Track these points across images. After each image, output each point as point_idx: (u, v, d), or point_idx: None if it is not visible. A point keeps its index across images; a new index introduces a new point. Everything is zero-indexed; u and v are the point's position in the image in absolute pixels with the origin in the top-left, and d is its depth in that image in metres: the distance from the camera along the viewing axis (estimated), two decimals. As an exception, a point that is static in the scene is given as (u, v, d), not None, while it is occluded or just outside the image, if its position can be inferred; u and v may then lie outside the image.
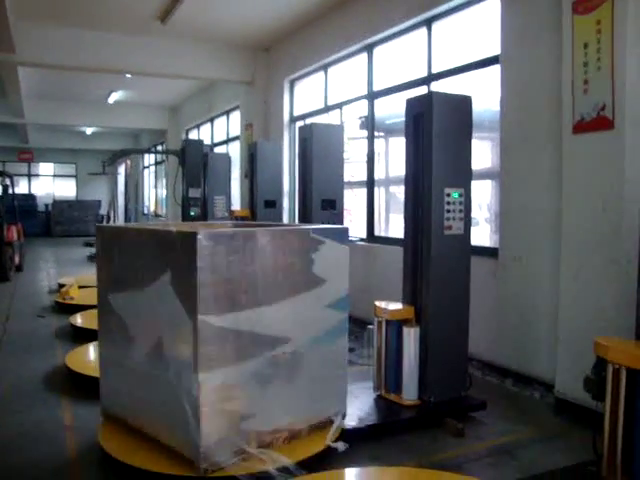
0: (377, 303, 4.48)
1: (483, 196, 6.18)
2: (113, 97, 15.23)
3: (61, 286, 9.17)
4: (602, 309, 4.10)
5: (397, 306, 4.43)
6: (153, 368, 3.46)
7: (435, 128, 4.14)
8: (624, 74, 3.96)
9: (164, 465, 3.25)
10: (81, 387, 4.82)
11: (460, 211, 4.27)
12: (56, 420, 4.26)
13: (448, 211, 4.22)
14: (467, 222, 4.34)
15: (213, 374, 3.16)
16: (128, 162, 22.62)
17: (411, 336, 4.26)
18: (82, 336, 6.19)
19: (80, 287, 8.71)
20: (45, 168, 26.55)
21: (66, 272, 11.68)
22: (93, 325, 6.42)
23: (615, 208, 4.03)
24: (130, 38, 9.49)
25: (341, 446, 3.55)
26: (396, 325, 4.34)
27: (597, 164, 4.19)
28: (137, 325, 3.62)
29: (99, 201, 24.63)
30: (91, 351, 5.64)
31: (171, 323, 3.32)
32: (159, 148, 20.05)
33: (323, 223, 5.69)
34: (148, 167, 22.53)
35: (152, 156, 21.40)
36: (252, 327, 3.31)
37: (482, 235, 6.09)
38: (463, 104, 4.37)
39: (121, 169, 25.04)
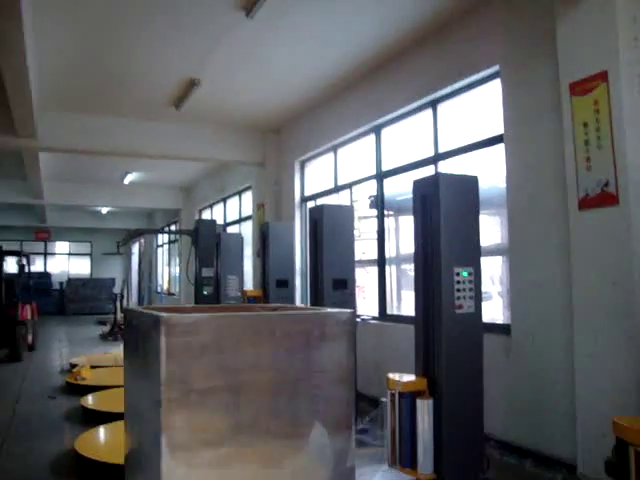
0: (390, 375, 4.42)
1: (495, 270, 6.19)
2: (128, 178, 15.63)
3: (73, 366, 9.13)
4: (620, 386, 4.02)
5: (410, 378, 4.38)
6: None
7: (442, 209, 4.21)
8: (624, 151, 4.06)
9: None
10: (91, 473, 4.71)
11: (470, 290, 4.28)
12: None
13: (458, 290, 4.23)
14: (478, 300, 4.34)
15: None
16: (142, 241, 22.97)
17: (425, 408, 4.18)
18: (93, 418, 6.12)
19: (92, 367, 8.67)
20: (61, 247, 27.02)
21: (78, 351, 11.65)
22: (104, 407, 6.41)
23: (625, 282, 4.04)
24: (145, 123, 9.88)
25: None
26: (409, 397, 4.28)
27: (604, 239, 4.22)
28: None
29: (113, 279, 24.84)
30: (101, 434, 5.56)
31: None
32: (172, 227, 20.33)
33: (335, 303, 5.70)
34: (162, 246, 22.78)
35: (166, 235, 21.69)
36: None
37: (495, 310, 6.06)
38: (469, 184, 4.45)
39: (135, 248, 25.42)
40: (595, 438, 4.08)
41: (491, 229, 6.13)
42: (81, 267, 26.98)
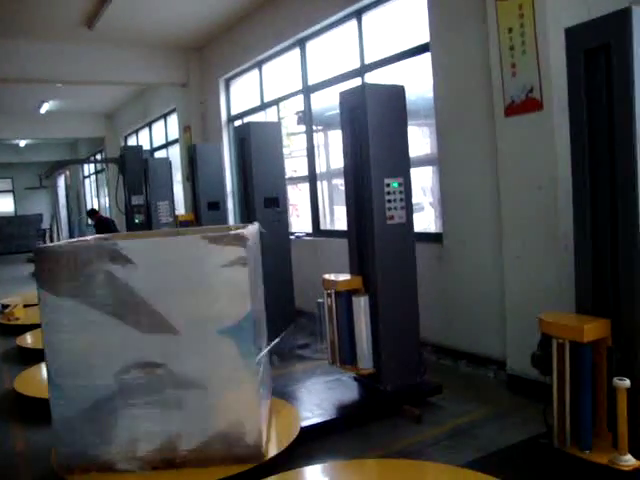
0: (325, 276, 4.48)
1: (426, 181, 6.26)
2: (45, 107, 14.76)
3: (5, 307, 8.86)
4: (545, 286, 4.21)
5: (346, 277, 4.46)
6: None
7: (370, 120, 4.16)
8: (548, 56, 4.06)
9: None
10: (32, 411, 4.64)
11: (401, 200, 4.32)
12: (7, 448, 4.11)
13: (389, 201, 4.25)
14: (409, 211, 4.39)
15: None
16: (67, 173, 22.11)
17: (361, 305, 4.28)
18: (31, 357, 5.99)
19: (25, 306, 8.44)
20: (-22, 185, 25.63)
21: (9, 291, 11.28)
22: (42, 345, 6.26)
23: (550, 186, 4.14)
24: (56, 46, 9.20)
25: None
26: (346, 295, 4.36)
27: (530, 144, 4.29)
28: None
29: (40, 215, 23.93)
30: (43, 372, 5.46)
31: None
32: (98, 156, 19.59)
33: (268, 221, 5.66)
34: (89, 176, 22.00)
35: (92, 165, 20.90)
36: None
37: (427, 220, 6.17)
38: (396, 94, 4.40)
39: (61, 181, 24.45)
40: (523, 335, 4.28)
41: (420, 140, 6.14)
42: (4, 205, 25.76)
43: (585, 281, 3.09)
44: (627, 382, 2.72)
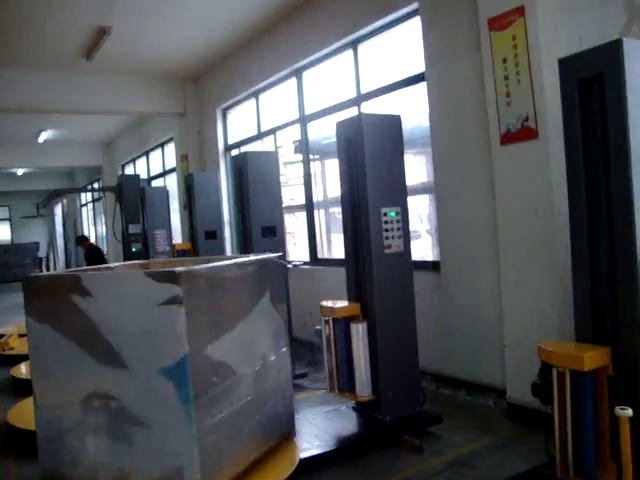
0: (323, 303, 4.45)
1: (423, 209, 6.28)
2: (43, 136, 14.82)
3: (0, 336, 8.80)
4: (544, 314, 4.20)
5: (343, 303, 4.44)
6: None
7: (366, 149, 4.19)
8: (542, 85, 4.11)
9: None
10: (26, 445, 4.56)
11: (398, 229, 4.32)
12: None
13: (386, 230, 4.26)
14: (406, 239, 4.39)
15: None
16: (64, 201, 22.08)
17: (359, 331, 4.26)
18: (26, 389, 5.89)
19: (21, 336, 8.36)
20: (-24, 213, 25.61)
21: (4, 321, 11.19)
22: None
23: (547, 213, 4.16)
24: (54, 76, 9.26)
25: None
26: (343, 322, 4.34)
27: (526, 172, 4.32)
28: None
29: (37, 243, 23.88)
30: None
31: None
32: (95, 185, 19.62)
33: (265, 251, 5.64)
34: (86, 205, 22.01)
35: (89, 194, 20.92)
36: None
37: (424, 248, 6.17)
38: (393, 123, 4.44)
39: (58, 209, 24.43)
40: (522, 364, 4.27)
41: (417, 168, 6.17)
42: (1, 233, 25.72)
43: (584, 309, 3.08)
44: (629, 411, 2.70)
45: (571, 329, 3.19)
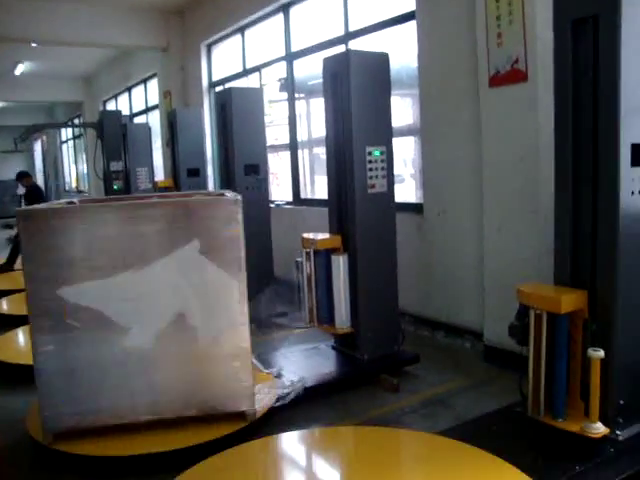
0: (304, 235, 4.44)
1: (407, 152, 6.23)
2: (20, 69, 14.33)
3: (-20, 272, 8.74)
4: (524, 258, 4.22)
5: (325, 235, 4.44)
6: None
7: (353, 87, 4.10)
8: (534, 26, 4.02)
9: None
10: (8, 376, 4.61)
11: (382, 169, 4.28)
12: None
13: (370, 169, 4.22)
14: (390, 180, 4.36)
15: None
16: (44, 138, 21.66)
17: (340, 263, 4.26)
18: (7, 323, 5.91)
19: (1, 272, 8.33)
20: (-48, 148, 24.99)
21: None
22: (19, 310, 6.18)
23: (532, 158, 4.13)
24: (34, 4, 8.91)
25: None
26: (324, 254, 4.34)
27: (514, 116, 4.26)
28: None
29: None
30: (19, 338, 5.41)
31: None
32: (76, 121, 19.21)
33: (247, 188, 5.60)
34: (66, 142, 21.60)
35: (70, 130, 20.49)
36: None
37: (408, 191, 6.15)
38: (380, 61, 4.34)
39: (37, 146, 23.98)
40: (500, 307, 4.31)
41: (403, 110, 6.08)
42: (-22, 169, 25.21)
43: (563, 253, 3.10)
44: (601, 353, 2.75)
45: (550, 274, 3.22)
